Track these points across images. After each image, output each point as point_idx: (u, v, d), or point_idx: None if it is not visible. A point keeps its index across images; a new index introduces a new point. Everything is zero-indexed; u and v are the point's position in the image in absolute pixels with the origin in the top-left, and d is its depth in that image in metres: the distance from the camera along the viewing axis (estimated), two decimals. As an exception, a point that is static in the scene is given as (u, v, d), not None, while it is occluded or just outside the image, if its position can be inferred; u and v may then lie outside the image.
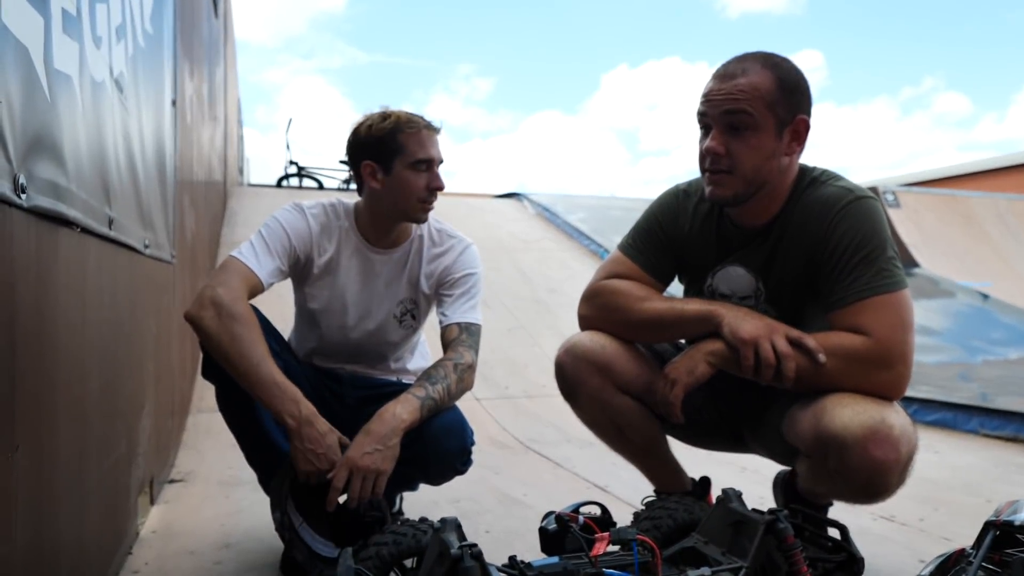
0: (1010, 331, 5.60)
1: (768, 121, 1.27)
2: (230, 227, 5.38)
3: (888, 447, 1.17)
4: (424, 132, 1.48)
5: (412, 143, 1.47)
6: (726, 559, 1.09)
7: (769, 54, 1.32)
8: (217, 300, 1.32)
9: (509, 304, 4.65)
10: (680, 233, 1.49)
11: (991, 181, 12.13)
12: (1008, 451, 2.81)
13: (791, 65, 1.31)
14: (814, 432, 1.24)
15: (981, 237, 7.81)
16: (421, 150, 1.48)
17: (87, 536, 1.24)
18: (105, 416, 1.36)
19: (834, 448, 1.21)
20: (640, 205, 1.76)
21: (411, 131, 1.47)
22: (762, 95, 1.26)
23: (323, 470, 1.27)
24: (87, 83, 1.16)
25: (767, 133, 1.28)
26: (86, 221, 1.15)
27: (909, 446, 1.20)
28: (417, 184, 1.48)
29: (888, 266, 1.26)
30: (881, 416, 1.19)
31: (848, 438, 1.19)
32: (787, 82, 1.28)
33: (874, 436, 1.17)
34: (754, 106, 1.26)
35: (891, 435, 1.18)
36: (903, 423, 1.21)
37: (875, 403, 1.22)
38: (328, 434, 1.29)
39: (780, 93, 1.27)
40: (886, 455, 1.17)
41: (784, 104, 1.27)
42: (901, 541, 1.75)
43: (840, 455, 1.21)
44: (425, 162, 1.48)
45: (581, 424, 1.59)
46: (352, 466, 1.27)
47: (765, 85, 1.26)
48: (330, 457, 1.27)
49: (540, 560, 1.05)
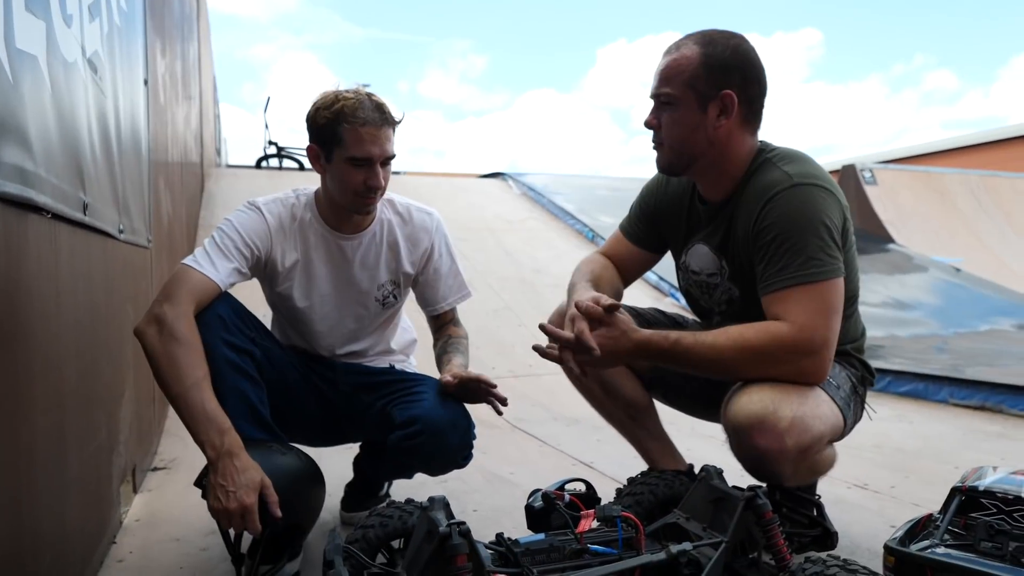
0: (981, 304, 5.74)
1: (688, 96, 1.34)
2: (208, 209, 5.29)
3: (771, 437, 1.20)
4: (365, 129, 1.39)
5: (351, 138, 1.40)
6: (707, 534, 1.11)
7: (713, 32, 1.36)
8: (161, 318, 1.29)
9: (495, 284, 4.64)
10: (660, 208, 1.57)
11: (967, 158, 12.34)
12: (976, 419, 2.90)
13: (732, 43, 1.34)
14: (723, 416, 1.30)
15: (954, 213, 7.96)
16: (358, 147, 1.40)
17: (69, 526, 1.23)
18: (83, 404, 1.35)
19: (730, 432, 1.27)
20: (625, 184, 1.79)
21: (351, 125, 1.39)
22: (681, 72, 1.34)
23: (230, 510, 1.17)
24: (57, 63, 1.13)
25: (688, 108, 1.35)
26: (57, 206, 1.12)
27: (800, 438, 1.22)
28: (354, 180, 1.43)
29: (818, 254, 1.26)
30: (774, 407, 1.21)
31: (738, 425, 1.24)
32: (713, 59, 1.32)
33: (760, 425, 1.21)
34: (673, 83, 1.35)
35: (777, 426, 1.20)
36: (801, 414, 1.23)
37: (778, 392, 1.24)
38: (247, 471, 1.19)
39: (702, 69, 1.32)
40: (768, 444, 1.20)
41: (706, 80, 1.33)
42: (873, 508, 1.81)
43: (733, 440, 1.27)
44: (362, 160, 1.41)
45: (565, 403, 1.61)
46: (212, 514, 1.20)
47: (687, 63, 1.33)
48: (240, 498, 1.17)
49: (527, 537, 1.07)
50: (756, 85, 1.35)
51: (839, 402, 1.35)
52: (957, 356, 4.07)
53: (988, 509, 1.14)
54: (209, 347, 1.32)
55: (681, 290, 1.60)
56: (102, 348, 1.52)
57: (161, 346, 1.27)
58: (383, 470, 1.64)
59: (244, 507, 1.17)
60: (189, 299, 1.33)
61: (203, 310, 1.35)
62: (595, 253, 1.66)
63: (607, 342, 1.31)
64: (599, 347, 1.30)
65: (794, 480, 1.29)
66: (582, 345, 1.30)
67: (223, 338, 1.35)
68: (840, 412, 1.34)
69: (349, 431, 1.67)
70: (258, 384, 1.40)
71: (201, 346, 1.30)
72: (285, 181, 7.11)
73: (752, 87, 1.35)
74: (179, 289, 1.34)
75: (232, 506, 1.17)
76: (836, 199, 1.32)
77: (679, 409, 1.66)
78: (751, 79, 1.35)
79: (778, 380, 1.26)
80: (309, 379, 1.58)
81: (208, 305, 1.36)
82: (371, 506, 1.68)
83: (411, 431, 1.42)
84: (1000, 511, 1.12)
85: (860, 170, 7.68)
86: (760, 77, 1.36)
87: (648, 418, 1.62)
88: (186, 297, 1.33)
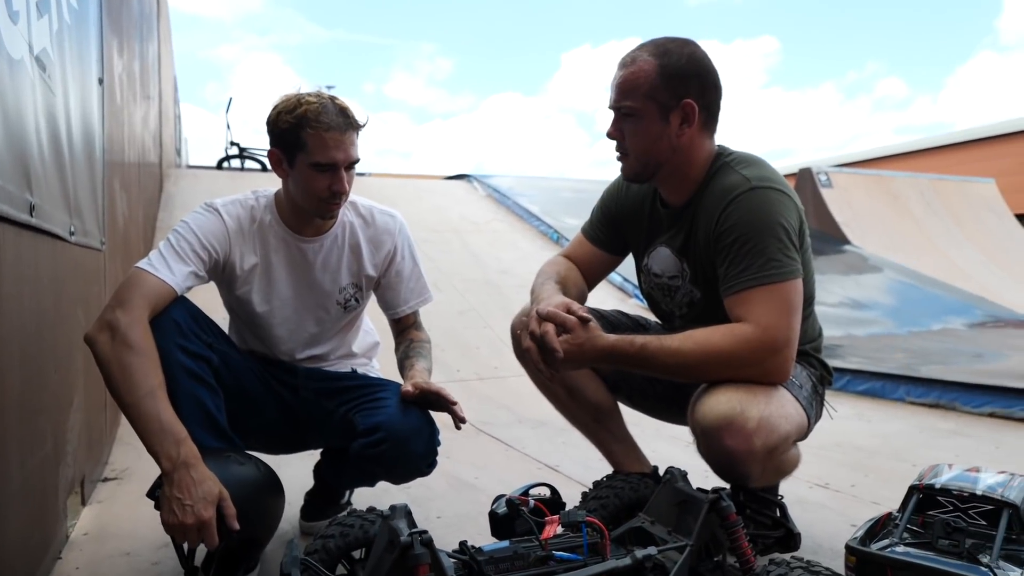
0: (933, 303, 5.93)
1: (649, 107, 1.35)
2: (167, 211, 5.15)
3: (740, 438, 1.22)
4: (329, 135, 1.36)
5: (314, 143, 1.36)
6: (672, 538, 1.12)
7: (667, 40, 1.37)
8: (113, 324, 1.23)
9: (460, 286, 4.62)
10: (622, 212, 1.58)
11: (917, 161, 12.81)
12: (931, 417, 2.99)
13: (687, 51, 1.35)
14: (690, 418, 1.31)
15: (906, 214, 8.23)
16: (322, 153, 1.37)
17: (9, 541, 1.17)
18: (27, 414, 1.29)
19: (697, 434, 1.29)
20: (589, 186, 1.80)
21: (314, 130, 1.36)
22: (640, 84, 1.35)
23: (186, 524, 1.12)
24: (2, 61, 1.08)
25: (650, 119, 1.36)
26: (1, 207, 1.07)
27: (768, 438, 1.24)
28: (318, 185, 1.40)
29: (777, 256, 1.28)
30: (742, 408, 1.23)
31: (706, 426, 1.25)
32: (671, 69, 1.34)
33: (728, 426, 1.22)
34: (633, 95, 1.35)
35: (745, 427, 1.22)
36: (768, 414, 1.25)
37: (745, 393, 1.25)
38: (204, 483, 1.15)
39: (660, 80, 1.34)
40: (737, 445, 1.22)
41: (665, 91, 1.34)
42: (835, 508, 1.84)
43: (702, 441, 1.28)
44: (327, 165, 1.38)
45: (530, 405, 1.61)
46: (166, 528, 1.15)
47: (644, 75, 1.34)
48: (198, 512, 1.12)
49: (491, 545, 1.06)
50: (713, 91, 1.38)
51: (803, 401, 1.37)
52: (912, 355, 4.19)
53: (945, 507, 1.17)
54: (164, 353, 1.27)
55: (643, 292, 1.61)
56: (49, 354, 1.45)
57: (113, 354, 1.22)
58: (345, 478, 1.61)
59: (201, 521, 1.13)
60: (143, 304, 1.28)
61: (158, 315, 1.30)
62: (558, 256, 1.66)
63: (572, 348, 1.31)
64: (564, 352, 1.30)
65: (761, 480, 1.31)
66: (546, 347, 1.30)
67: (178, 344, 1.30)
68: (804, 411, 1.37)
69: (310, 438, 1.63)
70: (215, 391, 1.36)
71: (156, 353, 1.25)
72: (247, 182, 6.97)
73: (709, 93, 1.37)
74: (132, 294, 1.28)
75: (189, 520, 1.13)
76: (792, 202, 1.35)
77: (643, 412, 1.67)
78: (708, 85, 1.37)
79: (743, 381, 1.27)
80: (269, 385, 1.54)
81: (163, 310, 1.31)
82: (332, 514, 1.64)
83: (374, 439, 1.39)
84: (956, 508, 1.15)
85: (816, 173, 7.88)
86: (716, 82, 1.38)
87: (612, 421, 1.63)
88: (140, 302, 1.28)
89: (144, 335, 1.25)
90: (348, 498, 1.77)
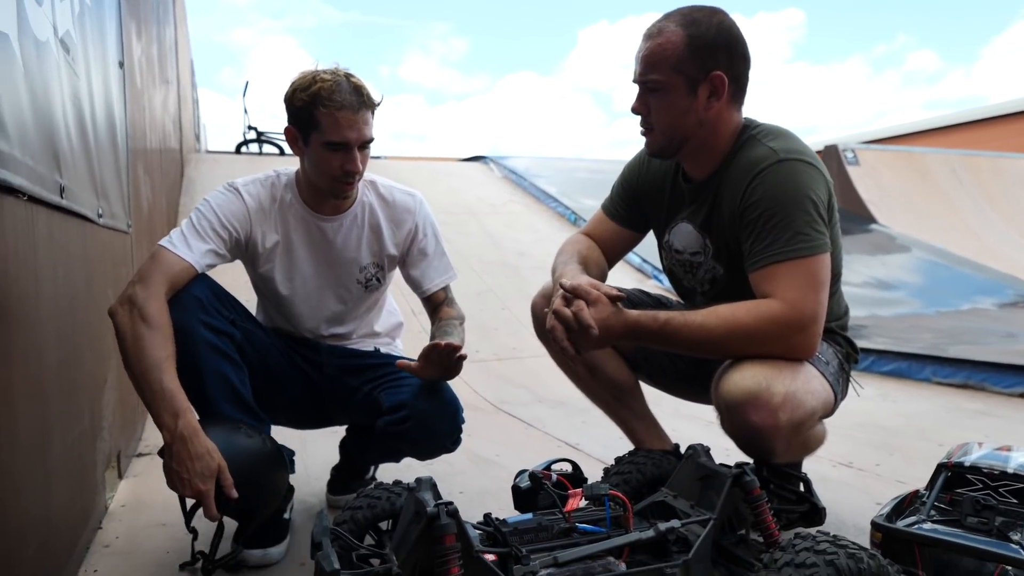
0: (962, 283, 5.81)
1: (676, 81, 1.32)
2: (188, 195, 5.22)
3: (765, 413, 1.21)
4: (342, 113, 1.36)
5: (327, 122, 1.37)
6: (695, 512, 1.12)
7: (692, 10, 1.34)
8: (133, 298, 1.28)
9: (478, 268, 4.63)
10: (643, 187, 1.56)
11: (948, 137, 12.42)
12: (959, 397, 2.94)
13: (715, 20, 1.32)
14: (715, 393, 1.30)
15: (935, 192, 8.02)
16: (335, 132, 1.37)
17: (54, 513, 1.21)
18: (65, 391, 1.33)
19: (722, 410, 1.27)
20: (606, 167, 1.78)
21: (328, 108, 1.36)
22: (668, 56, 1.31)
23: (184, 495, 1.20)
24: (28, 42, 1.10)
25: (677, 92, 1.33)
26: (34, 189, 1.10)
27: (794, 413, 1.23)
28: (331, 164, 1.41)
29: (805, 229, 1.26)
30: (767, 383, 1.22)
31: (731, 401, 1.24)
32: (699, 40, 1.31)
33: (754, 401, 1.21)
34: (660, 68, 1.32)
35: (771, 402, 1.21)
36: (794, 390, 1.23)
37: (770, 368, 1.24)
38: (202, 457, 1.18)
39: (688, 52, 1.30)
40: (762, 420, 1.21)
41: (693, 63, 1.31)
42: (859, 486, 1.83)
43: (726, 417, 1.27)
44: (339, 144, 1.39)
45: (550, 385, 1.62)
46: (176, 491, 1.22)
47: (672, 47, 1.31)
48: (194, 484, 1.17)
49: (515, 517, 1.07)
50: (742, 62, 1.34)
51: (829, 377, 1.35)
52: (940, 335, 4.12)
53: (974, 485, 1.15)
54: (188, 329, 1.30)
55: (664, 270, 1.60)
56: (83, 334, 1.49)
57: (129, 326, 1.26)
58: (370, 454, 1.64)
59: (198, 492, 1.18)
60: (162, 280, 1.32)
61: (180, 291, 1.34)
62: (578, 234, 1.65)
63: (599, 324, 1.31)
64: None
65: (786, 456, 1.30)
66: (581, 323, 1.29)
67: (201, 319, 1.33)
68: (831, 387, 1.35)
69: (335, 414, 1.66)
70: (239, 366, 1.39)
71: (170, 329, 1.28)
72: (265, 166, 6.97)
73: (738, 64, 1.34)
74: (153, 271, 1.32)
75: (187, 492, 1.19)
76: (821, 174, 1.32)
77: (663, 390, 1.67)
78: (737, 56, 1.33)
79: (768, 357, 1.26)
80: (293, 361, 1.57)
81: (184, 286, 1.34)
82: (357, 489, 1.67)
83: (399, 416, 1.41)
84: (986, 486, 1.14)
85: (842, 150, 7.71)
86: (745, 53, 1.35)
87: (634, 398, 1.63)
88: (159, 278, 1.31)
89: (159, 310, 1.28)
90: (373, 473, 1.81)
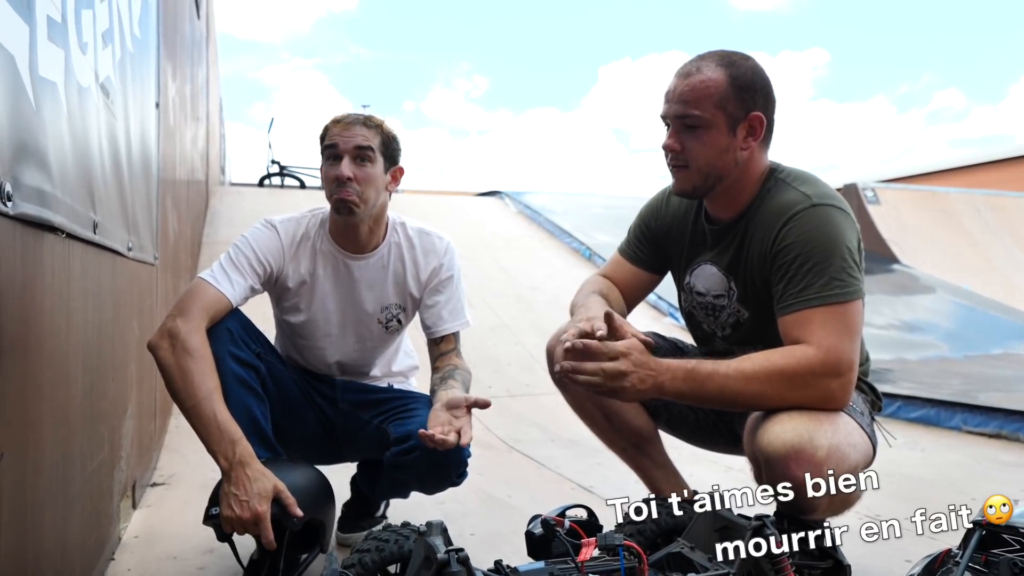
0: (992, 326, 5.65)
1: (719, 118, 1.32)
2: (212, 226, 5.33)
3: (811, 468, 1.16)
4: (337, 125, 1.49)
5: (327, 132, 1.50)
6: (712, 565, 1.10)
7: (728, 52, 1.36)
8: (174, 332, 1.33)
9: (491, 302, 4.64)
10: (662, 228, 1.55)
11: (973, 176, 12.23)
12: (991, 447, 2.83)
13: (750, 64, 1.34)
14: (751, 446, 1.26)
15: (960, 232, 7.89)
16: (328, 138, 1.49)
17: (70, 542, 1.23)
18: (88, 420, 1.35)
19: (763, 463, 1.23)
20: (620, 202, 1.79)
21: (332, 123, 1.50)
22: (712, 94, 1.31)
23: (243, 519, 1.23)
24: (72, 89, 1.16)
25: (718, 130, 1.32)
26: (71, 226, 1.14)
27: (838, 467, 1.18)
28: (328, 173, 1.49)
29: (840, 275, 1.25)
30: (809, 436, 1.18)
31: (772, 455, 1.19)
32: (740, 80, 1.32)
33: (797, 456, 1.17)
34: (703, 105, 1.32)
35: (815, 456, 1.17)
36: (837, 443, 1.20)
37: (810, 420, 1.20)
38: (260, 479, 1.25)
39: (732, 90, 1.31)
40: (806, 475, 1.16)
41: (735, 102, 1.32)
42: (887, 541, 1.77)
43: (767, 471, 1.22)
44: (330, 148, 1.48)
45: (564, 424, 1.60)
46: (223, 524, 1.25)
47: (716, 84, 1.31)
48: (253, 507, 1.22)
49: (526, 565, 1.06)
50: (773, 105, 1.37)
51: (866, 428, 1.31)
52: (969, 380, 3.99)
53: (1010, 545, 1.10)
54: (217, 359, 1.36)
55: (683, 311, 1.58)
56: (108, 364, 1.53)
57: (174, 359, 1.31)
58: (379, 488, 1.64)
59: (256, 515, 1.22)
60: (202, 314, 1.37)
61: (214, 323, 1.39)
62: (596, 275, 1.63)
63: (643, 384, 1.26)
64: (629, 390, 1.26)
65: (828, 512, 1.25)
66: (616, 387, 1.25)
67: (230, 351, 1.38)
68: (869, 438, 1.31)
69: (347, 450, 1.67)
70: (262, 400, 1.43)
71: (212, 359, 1.34)
72: (287, 199, 7.17)
73: (771, 107, 1.36)
74: (193, 304, 1.38)
75: (245, 515, 1.22)
76: (852, 221, 1.33)
77: (681, 438, 1.63)
78: (771, 99, 1.36)
79: (801, 406, 1.23)
80: (309, 396, 1.59)
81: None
82: (367, 527, 1.67)
83: (406, 447, 1.42)
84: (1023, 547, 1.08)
85: (862, 189, 7.64)
86: (775, 96, 1.37)
87: (653, 447, 1.59)
88: (199, 312, 1.37)
89: (202, 342, 1.34)
90: (383, 511, 1.80)
